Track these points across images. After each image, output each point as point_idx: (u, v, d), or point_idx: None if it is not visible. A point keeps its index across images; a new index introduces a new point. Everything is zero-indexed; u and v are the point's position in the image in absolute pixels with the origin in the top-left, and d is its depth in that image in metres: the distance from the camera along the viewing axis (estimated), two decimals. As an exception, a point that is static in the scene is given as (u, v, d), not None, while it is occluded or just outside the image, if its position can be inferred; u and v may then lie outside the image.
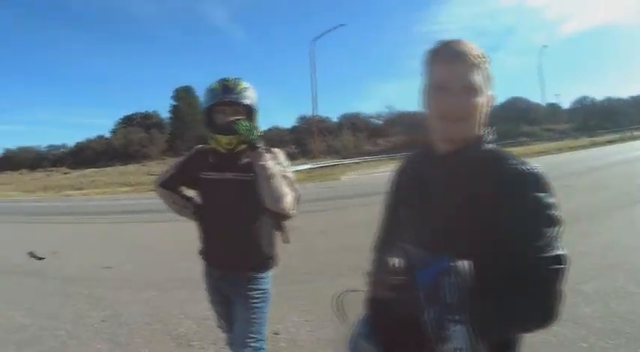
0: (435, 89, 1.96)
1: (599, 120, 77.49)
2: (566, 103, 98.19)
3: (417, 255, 1.74)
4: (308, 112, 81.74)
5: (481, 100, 1.91)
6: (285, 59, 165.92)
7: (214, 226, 3.54)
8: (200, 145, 3.78)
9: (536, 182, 1.80)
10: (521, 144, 51.61)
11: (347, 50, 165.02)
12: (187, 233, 3.66)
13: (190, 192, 3.80)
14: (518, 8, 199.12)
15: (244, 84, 3.45)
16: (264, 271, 3.53)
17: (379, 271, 1.83)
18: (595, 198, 13.27)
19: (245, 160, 3.41)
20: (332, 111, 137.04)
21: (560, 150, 40.66)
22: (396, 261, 1.72)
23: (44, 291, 8.55)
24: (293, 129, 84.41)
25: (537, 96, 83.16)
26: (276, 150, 3.51)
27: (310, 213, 3.49)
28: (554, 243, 1.74)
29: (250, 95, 3.44)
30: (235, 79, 3.46)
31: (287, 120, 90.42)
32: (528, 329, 1.81)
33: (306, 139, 70.12)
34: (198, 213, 3.69)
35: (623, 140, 50.66)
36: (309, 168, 42.90)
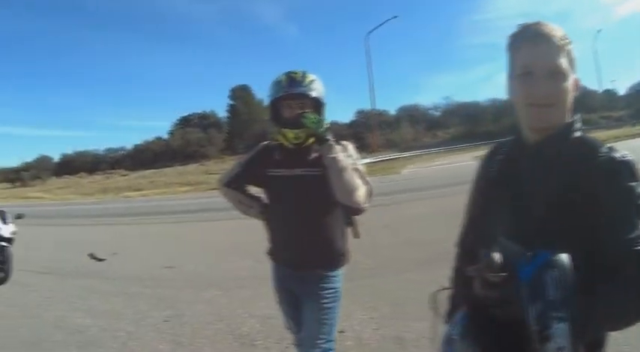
0: (520, 74, 1.89)
1: None
2: (622, 89, 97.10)
3: (515, 250, 1.63)
4: (366, 106, 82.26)
5: (568, 84, 1.85)
6: (340, 54, 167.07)
7: (284, 224, 3.46)
8: (265, 142, 3.68)
9: (629, 171, 1.73)
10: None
11: (402, 42, 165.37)
12: (249, 231, 3.54)
13: (254, 190, 3.73)
14: None
15: (312, 76, 3.33)
16: (335, 269, 3.45)
17: (476, 268, 1.66)
18: None
19: (314, 155, 3.34)
20: (390, 104, 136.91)
21: (618, 138, 39.58)
22: (496, 256, 1.58)
23: (105, 292, 8.57)
24: (351, 124, 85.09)
25: (593, 82, 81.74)
26: (345, 142, 3.41)
27: (373, 207, 3.35)
28: None
29: (318, 87, 3.32)
30: (302, 71, 3.35)
31: (345, 115, 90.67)
32: (627, 324, 1.66)
33: (365, 133, 70.45)
34: (265, 212, 3.59)
35: None
36: (369, 163, 42.85)
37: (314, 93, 3.26)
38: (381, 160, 46.98)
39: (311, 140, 3.28)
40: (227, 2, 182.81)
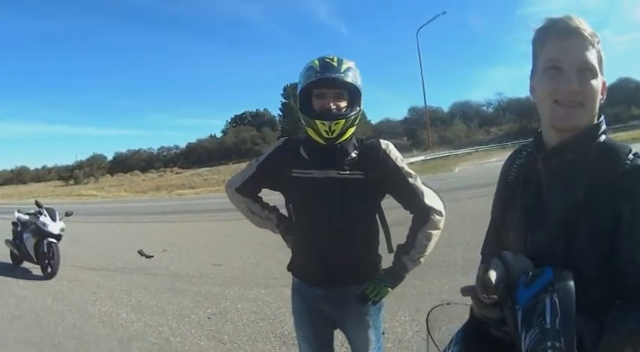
0: (546, 70, 1.77)
1: None
2: None
3: (519, 266, 1.54)
4: (419, 103, 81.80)
5: (598, 83, 1.72)
6: (391, 51, 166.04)
7: (314, 236, 3.04)
8: (287, 137, 3.28)
9: None
10: (632, 127, 49.58)
11: (452, 38, 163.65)
12: None
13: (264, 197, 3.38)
14: None
15: (349, 62, 2.95)
16: None
17: (471, 288, 1.64)
18: None
19: (353, 154, 2.95)
20: (443, 100, 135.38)
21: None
22: (492, 275, 1.48)
23: (151, 288, 8.71)
24: (404, 121, 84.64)
25: None
26: (385, 142, 3.01)
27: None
28: None
29: (355, 75, 2.92)
30: (338, 56, 2.96)
31: (398, 112, 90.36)
32: None
33: (418, 130, 70.15)
34: (284, 226, 3.27)
35: None
36: (422, 160, 42.72)
37: (350, 79, 2.86)
38: (434, 158, 46.76)
39: (349, 133, 2.91)
40: (278, 1, 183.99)
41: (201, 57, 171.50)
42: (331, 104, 2.85)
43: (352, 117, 2.88)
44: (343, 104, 2.89)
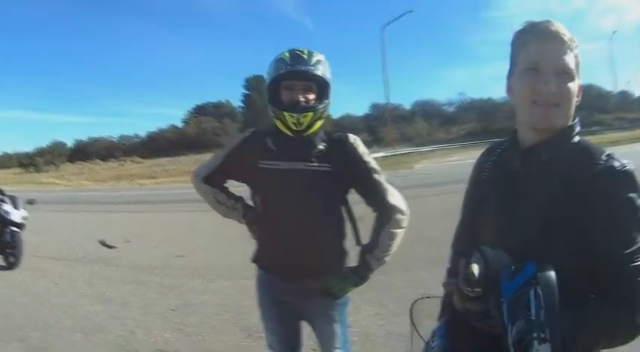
0: (525, 71, 1.83)
1: None
2: (638, 91, 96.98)
3: (499, 260, 1.60)
4: (380, 100, 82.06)
5: (574, 86, 1.80)
6: (355, 47, 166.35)
7: (280, 228, 3.02)
8: (254, 128, 3.26)
9: (629, 181, 1.69)
10: (593, 133, 50.29)
11: (417, 36, 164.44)
12: None
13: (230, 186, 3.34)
14: None
15: (319, 55, 2.94)
16: None
17: (457, 279, 1.66)
18: None
19: (320, 146, 2.96)
20: (404, 98, 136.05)
21: (633, 140, 39.17)
22: (474, 269, 1.53)
23: (115, 279, 8.65)
24: (365, 117, 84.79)
25: (609, 83, 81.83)
26: (353, 136, 3.06)
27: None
28: None
29: (324, 68, 2.93)
30: (308, 49, 2.95)
31: (359, 108, 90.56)
32: (614, 344, 1.67)
33: (379, 127, 70.38)
34: (249, 215, 3.21)
35: None
36: (383, 156, 42.70)
37: (319, 72, 2.87)
38: (395, 154, 46.94)
39: (316, 126, 2.93)
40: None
41: (165, 44, 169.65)
42: (300, 96, 2.86)
43: (320, 110, 2.91)
44: (312, 97, 2.91)
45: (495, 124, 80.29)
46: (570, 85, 1.78)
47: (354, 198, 3.07)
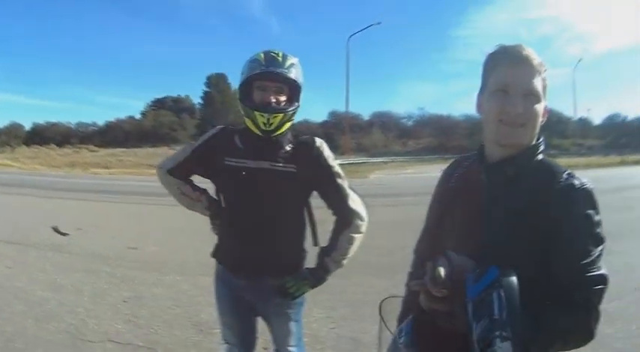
0: (495, 92, 1.93)
1: (629, 138, 77.35)
2: (597, 119, 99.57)
3: (463, 264, 1.69)
4: (339, 108, 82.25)
5: (540, 107, 1.91)
6: (319, 54, 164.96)
7: (241, 225, 3.08)
8: (222, 125, 3.30)
9: (587, 199, 1.81)
10: (550, 156, 50.99)
11: (382, 48, 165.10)
12: None
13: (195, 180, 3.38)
14: (557, 19, 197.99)
15: (293, 59, 3.01)
16: None
17: (423, 280, 1.73)
18: (621, 217, 12.97)
19: (287, 148, 3.02)
20: (364, 108, 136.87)
21: (588, 166, 39.94)
22: (441, 271, 1.62)
23: (67, 267, 8.53)
24: (323, 124, 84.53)
25: (569, 109, 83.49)
26: (319, 140, 3.14)
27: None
28: (599, 262, 1.75)
29: (297, 71, 3.00)
30: (283, 52, 3.01)
31: (318, 114, 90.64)
32: (567, 348, 1.79)
33: (336, 135, 70.46)
34: (213, 208, 3.25)
35: None
36: (338, 165, 43.00)
37: (292, 75, 2.94)
38: (350, 163, 47.07)
39: (285, 127, 2.99)
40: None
41: (130, 34, 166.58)
42: (272, 97, 2.90)
43: (290, 113, 2.97)
44: (283, 98, 2.96)
45: (452, 141, 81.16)
46: (536, 106, 1.88)
47: (315, 201, 3.13)
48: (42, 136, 79.63)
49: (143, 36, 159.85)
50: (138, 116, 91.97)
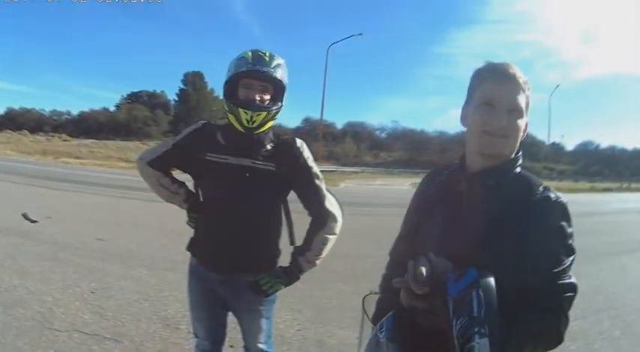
0: (481, 105, 2.00)
1: (600, 166, 78.30)
2: (570, 145, 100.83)
3: (442, 264, 1.74)
4: (314, 115, 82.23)
5: (522, 122, 2.00)
6: (297, 59, 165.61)
7: (219, 220, 3.10)
8: (205, 121, 3.29)
9: (562, 211, 1.90)
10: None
11: (362, 60, 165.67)
12: (182, 216, 3.42)
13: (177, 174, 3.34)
14: (539, 45, 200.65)
15: (280, 59, 3.04)
16: None
17: (405, 278, 1.78)
18: (588, 241, 13.10)
19: (269, 146, 3.07)
20: (337, 117, 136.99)
21: (558, 190, 40.48)
22: (422, 270, 1.67)
23: (35, 254, 8.47)
24: (297, 130, 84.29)
25: (543, 133, 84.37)
26: (300, 141, 3.18)
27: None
28: (570, 271, 1.86)
29: (283, 73, 3.03)
30: (270, 51, 3.04)
31: (292, 120, 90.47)
32: (538, 350, 1.84)
33: (309, 142, 70.05)
34: (192, 201, 3.29)
35: (620, 190, 51.86)
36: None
37: (278, 75, 2.96)
38: (322, 170, 47.13)
39: (267, 126, 3.03)
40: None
41: (111, 24, 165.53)
42: (256, 95, 2.93)
43: (273, 112, 3.00)
44: (267, 97, 2.99)
45: (423, 156, 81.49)
46: (519, 121, 1.97)
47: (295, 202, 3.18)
48: (15, 122, 78.71)
49: (124, 28, 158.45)
50: (112, 108, 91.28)
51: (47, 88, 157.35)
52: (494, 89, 1.98)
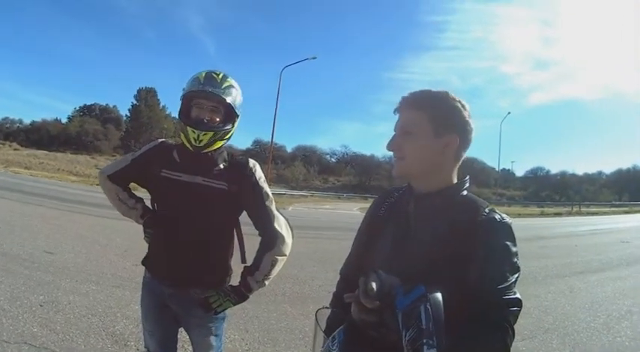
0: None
1: (550, 191, 79.52)
2: (520, 171, 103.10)
3: (391, 280, 1.78)
4: (264, 137, 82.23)
5: (417, 143, 2.11)
6: (250, 80, 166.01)
7: (171, 235, 3.13)
8: (162, 139, 3.40)
9: (506, 231, 1.97)
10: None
11: (314, 83, 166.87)
12: (136, 233, 3.46)
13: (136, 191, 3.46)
14: (491, 71, 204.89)
15: (231, 81, 3.12)
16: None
17: (355, 293, 1.85)
18: (538, 264, 13.61)
19: (221, 165, 3.15)
20: (287, 140, 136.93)
21: (508, 215, 41.09)
22: (373, 285, 1.73)
23: (-18, 264, 8.26)
24: (246, 151, 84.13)
25: (494, 160, 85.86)
26: (253, 161, 3.26)
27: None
28: (514, 287, 1.90)
29: (235, 95, 3.11)
30: (224, 73, 3.13)
31: (242, 142, 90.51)
32: None
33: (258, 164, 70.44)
34: (147, 217, 3.37)
35: (570, 214, 52.76)
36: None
37: (229, 100, 3.04)
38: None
39: (216, 146, 3.08)
40: (161, 2, 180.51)
41: (65, 33, 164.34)
42: (206, 116, 3.02)
43: (222, 132, 3.06)
44: (217, 118, 3.06)
45: (372, 181, 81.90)
46: (412, 141, 2.11)
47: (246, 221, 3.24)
48: (-38, 129, 77.33)
49: (79, 38, 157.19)
50: (65, 120, 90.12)
51: (1, 95, 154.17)
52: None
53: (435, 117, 2.07)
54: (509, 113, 75.70)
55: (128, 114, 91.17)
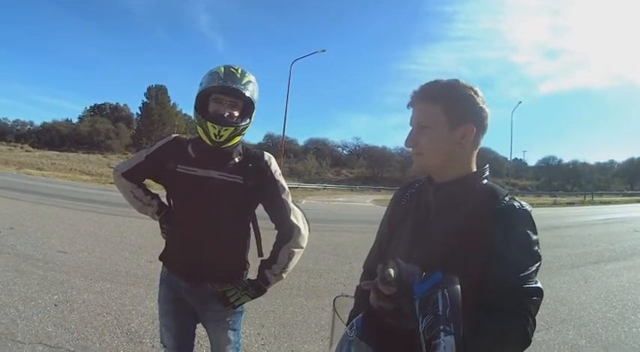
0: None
1: (562, 181, 79.31)
2: (532, 160, 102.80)
3: (410, 268, 1.76)
4: (276, 131, 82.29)
5: (435, 136, 2.07)
6: (260, 75, 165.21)
7: (188, 230, 3.10)
8: (176, 134, 3.33)
9: (526, 219, 1.94)
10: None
11: (323, 76, 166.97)
12: (150, 230, 3.40)
13: (151, 187, 3.44)
14: (501, 61, 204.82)
15: (250, 76, 3.07)
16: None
17: (374, 280, 1.81)
18: (552, 254, 13.51)
19: (236, 159, 3.11)
20: (298, 133, 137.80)
21: (525, 204, 41.40)
22: (391, 272, 1.70)
23: (-3, 265, 8.26)
24: (258, 146, 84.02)
25: (505, 149, 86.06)
26: (268, 154, 3.23)
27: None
28: (535, 276, 1.87)
29: (253, 89, 3.06)
30: (242, 68, 3.07)
31: (254, 136, 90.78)
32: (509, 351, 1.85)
33: (272, 157, 70.94)
34: (163, 213, 3.36)
35: (583, 203, 52.85)
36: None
37: (248, 93, 2.98)
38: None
39: (234, 141, 3.04)
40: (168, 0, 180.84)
41: (75, 34, 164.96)
42: (226, 111, 2.96)
43: (241, 127, 3.01)
44: (236, 113, 3.01)
45: (385, 173, 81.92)
46: (429, 135, 2.08)
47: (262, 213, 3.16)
48: (-23, 131, 77.72)
49: (89, 38, 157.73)
50: (75, 120, 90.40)
51: (8, 98, 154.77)
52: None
53: (449, 108, 2.04)
54: (520, 102, 75.79)
55: (139, 112, 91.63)
